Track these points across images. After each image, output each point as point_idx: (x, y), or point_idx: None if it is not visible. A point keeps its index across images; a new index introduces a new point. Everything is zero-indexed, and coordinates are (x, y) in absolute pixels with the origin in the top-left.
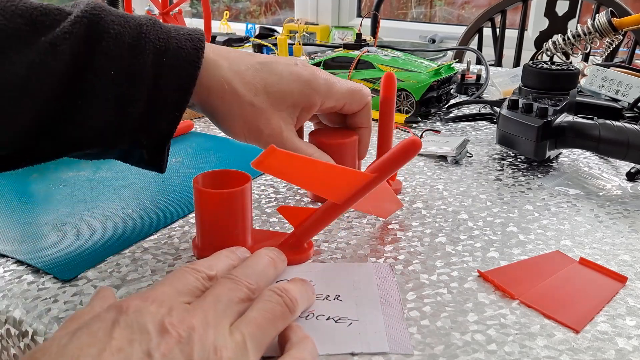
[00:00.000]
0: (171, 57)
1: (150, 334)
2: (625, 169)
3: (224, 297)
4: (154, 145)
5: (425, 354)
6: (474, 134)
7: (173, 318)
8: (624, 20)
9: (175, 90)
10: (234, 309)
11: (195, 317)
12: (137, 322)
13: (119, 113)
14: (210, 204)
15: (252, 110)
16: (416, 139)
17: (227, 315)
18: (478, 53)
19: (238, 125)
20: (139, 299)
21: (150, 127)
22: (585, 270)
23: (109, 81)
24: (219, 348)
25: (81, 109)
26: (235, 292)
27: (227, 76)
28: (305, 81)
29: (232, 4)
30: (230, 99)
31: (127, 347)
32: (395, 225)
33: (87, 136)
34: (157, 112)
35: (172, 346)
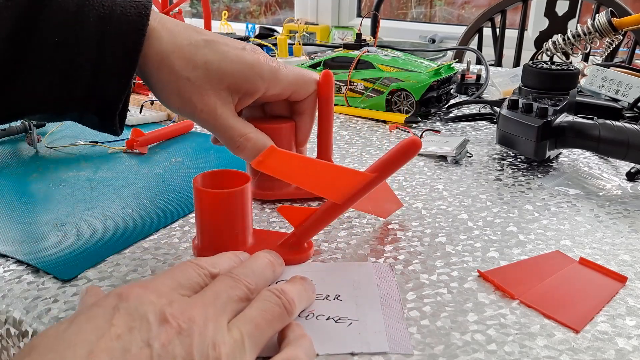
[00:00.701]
0: (115, 24)
1: (150, 323)
2: (625, 169)
3: (223, 294)
4: (105, 110)
5: (425, 354)
6: (474, 134)
7: (173, 309)
8: (624, 20)
9: (120, 58)
10: (232, 306)
11: (195, 310)
12: (137, 310)
13: (63, 81)
14: (210, 204)
15: (188, 84)
16: (416, 139)
17: (226, 312)
18: (478, 53)
19: (172, 98)
20: (140, 288)
21: (97, 94)
22: (585, 270)
23: (52, 49)
24: (217, 344)
25: (24, 76)
26: (234, 290)
27: (165, 49)
28: (248, 65)
29: (232, 4)
30: (167, 72)
31: (126, 335)
32: (395, 225)
33: (30, 102)
34: (103, 80)
35: (172, 337)
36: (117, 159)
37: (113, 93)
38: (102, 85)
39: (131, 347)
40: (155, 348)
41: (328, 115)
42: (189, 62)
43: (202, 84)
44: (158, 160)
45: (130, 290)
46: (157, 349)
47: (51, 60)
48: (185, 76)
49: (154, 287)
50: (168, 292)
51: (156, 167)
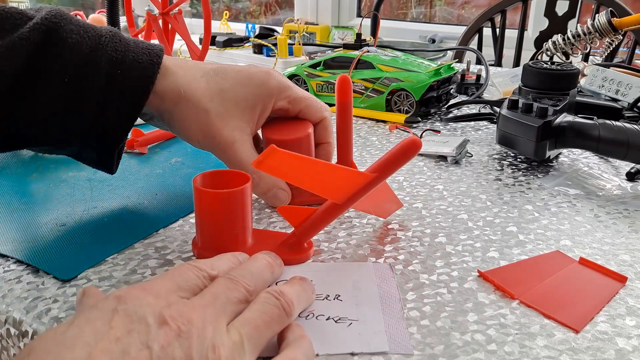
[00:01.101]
0: (126, 70)
1: (149, 325)
2: (625, 169)
3: (222, 296)
4: (104, 148)
5: (425, 354)
6: (474, 134)
7: (172, 311)
8: (624, 20)
9: (127, 102)
10: (231, 308)
11: (194, 312)
12: (136, 312)
13: (68, 116)
14: (210, 204)
15: (207, 116)
16: (416, 139)
17: (225, 314)
18: (478, 53)
19: (193, 131)
20: (138, 290)
21: (100, 133)
22: (585, 270)
23: (60, 86)
24: (217, 346)
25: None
26: (233, 292)
27: (182, 83)
28: (258, 84)
29: (232, 4)
30: (186, 106)
31: (125, 337)
32: (395, 225)
33: (32, 134)
34: (107, 120)
35: (171, 339)
36: None
37: (114, 134)
38: (105, 125)
39: (130, 349)
40: (154, 350)
41: (347, 120)
42: (205, 92)
43: (220, 114)
44: (158, 160)
45: (129, 293)
46: (157, 351)
47: (58, 97)
48: (203, 108)
49: (152, 289)
50: (167, 294)
51: (156, 167)
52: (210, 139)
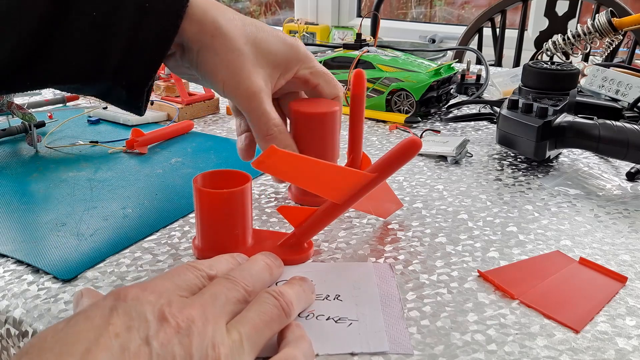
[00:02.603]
0: (154, 4)
1: (148, 322)
2: (625, 169)
3: (221, 296)
4: (134, 86)
5: (425, 354)
6: (474, 134)
7: (172, 308)
8: (624, 20)
9: (155, 38)
10: (230, 308)
11: (194, 310)
12: (135, 309)
13: (98, 52)
14: (210, 204)
15: (240, 58)
16: (416, 139)
17: (224, 314)
18: (478, 53)
19: (221, 73)
20: (138, 288)
21: (128, 70)
22: (585, 270)
23: (89, 22)
24: (217, 344)
25: (59, 47)
26: (232, 292)
27: (220, 19)
28: (288, 45)
29: (232, 4)
30: (221, 41)
31: (124, 334)
32: (395, 225)
33: (63, 72)
34: (136, 57)
35: (171, 336)
36: (117, 159)
37: (143, 70)
38: (134, 61)
39: (130, 345)
40: (154, 347)
41: (359, 114)
42: (242, 34)
43: (253, 59)
44: (158, 160)
45: (128, 291)
46: (156, 348)
47: (87, 34)
48: (238, 48)
49: (151, 287)
50: (166, 293)
51: (156, 167)
52: (237, 83)
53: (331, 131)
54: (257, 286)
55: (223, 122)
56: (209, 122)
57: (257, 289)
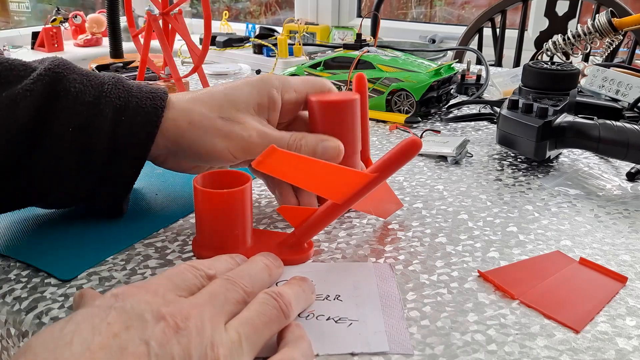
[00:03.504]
0: (130, 116)
1: (147, 322)
2: (625, 169)
3: (220, 296)
4: (116, 195)
5: (425, 354)
6: (474, 134)
7: (170, 308)
8: (624, 20)
9: (133, 148)
10: (229, 308)
11: (192, 310)
12: (133, 309)
13: (77, 166)
14: (210, 204)
15: (225, 122)
16: (416, 139)
17: (223, 313)
18: (478, 53)
19: (217, 143)
20: (136, 288)
21: (109, 181)
22: (585, 270)
23: (67, 136)
24: (216, 344)
25: (38, 162)
26: (231, 292)
27: (188, 106)
28: (257, 81)
29: (232, 4)
30: (199, 121)
31: (123, 333)
32: (395, 225)
33: (43, 188)
34: (115, 169)
35: (170, 336)
36: None
37: (123, 178)
38: (114, 171)
39: (128, 345)
40: (152, 346)
41: (363, 118)
42: (213, 104)
43: (234, 115)
44: None
45: (126, 291)
46: (155, 348)
47: (66, 148)
48: (217, 116)
49: (150, 287)
50: (164, 293)
51: (156, 167)
52: (237, 138)
53: (351, 120)
54: (256, 287)
55: None
56: None
57: (256, 290)
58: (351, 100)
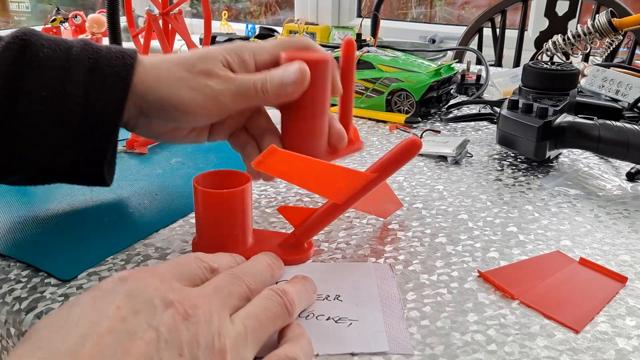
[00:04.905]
0: (101, 75)
1: (155, 307)
2: (625, 169)
3: (224, 289)
4: (94, 160)
5: (425, 354)
6: (474, 134)
7: (178, 295)
8: (624, 20)
9: (106, 107)
10: (233, 302)
11: (199, 299)
12: (142, 293)
13: (53, 131)
14: (210, 204)
15: (192, 75)
16: (416, 139)
17: (228, 306)
18: (478, 53)
19: (186, 95)
20: (143, 272)
21: (87, 143)
22: (585, 271)
23: (40, 102)
24: (223, 334)
25: (15, 130)
26: (235, 286)
27: (157, 63)
28: (229, 44)
29: (232, 4)
30: (166, 75)
31: (131, 317)
32: (395, 225)
33: (19, 157)
34: (91, 129)
35: (179, 322)
36: (118, 159)
37: (100, 141)
38: (90, 134)
39: (137, 329)
40: (162, 332)
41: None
42: (180, 60)
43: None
44: (158, 160)
45: (133, 274)
46: (164, 333)
47: (40, 113)
48: (184, 70)
49: (156, 272)
50: (170, 280)
51: (156, 167)
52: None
53: (321, 81)
54: (259, 285)
55: None
56: None
57: (259, 288)
58: (322, 61)
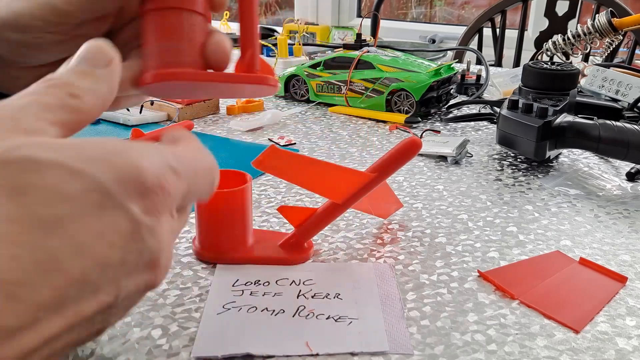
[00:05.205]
0: None
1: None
2: (625, 169)
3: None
4: None
5: (425, 354)
6: (474, 134)
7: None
8: (624, 20)
9: None
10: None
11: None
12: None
13: None
14: (210, 204)
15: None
16: (416, 139)
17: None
18: (478, 53)
19: (15, 3)
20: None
21: None
22: (585, 271)
23: None
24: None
25: None
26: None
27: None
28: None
29: (232, 4)
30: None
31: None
32: (395, 225)
33: None
34: None
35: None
36: None
37: None
38: None
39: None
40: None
41: (251, 10)
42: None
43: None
44: None
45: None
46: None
47: None
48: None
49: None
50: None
51: None
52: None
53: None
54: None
55: (223, 122)
56: (209, 122)
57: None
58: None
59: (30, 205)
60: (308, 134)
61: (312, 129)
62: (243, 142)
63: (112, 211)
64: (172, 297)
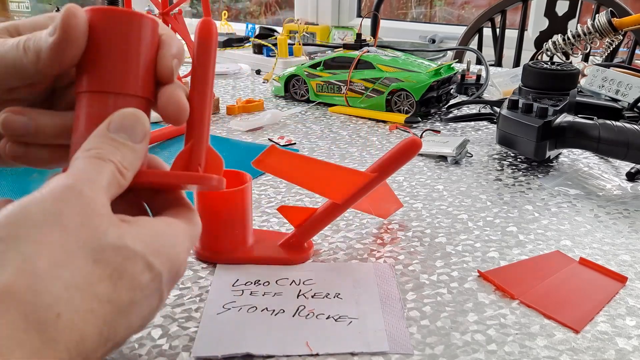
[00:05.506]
0: None
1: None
2: (625, 169)
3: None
4: None
5: (425, 354)
6: (474, 134)
7: None
8: (624, 20)
9: None
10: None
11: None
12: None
13: None
14: (211, 203)
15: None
16: (416, 139)
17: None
18: (478, 53)
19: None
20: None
21: None
22: (585, 270)
23: None
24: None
25: None
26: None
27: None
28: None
29: (232, 4)
30: None
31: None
32: (395, 225)
33: None
34: None
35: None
36: None
37: None
38: None
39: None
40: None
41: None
42: None
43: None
44: None
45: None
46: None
47: None
48: None
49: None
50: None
51: None
52: None
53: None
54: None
55: (223, 122)
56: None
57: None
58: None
59: (121, 290)
60: (308, 134)
61: (312, 129)
62: (243, 142)
63: (158, 294)
64: (172, 297)
